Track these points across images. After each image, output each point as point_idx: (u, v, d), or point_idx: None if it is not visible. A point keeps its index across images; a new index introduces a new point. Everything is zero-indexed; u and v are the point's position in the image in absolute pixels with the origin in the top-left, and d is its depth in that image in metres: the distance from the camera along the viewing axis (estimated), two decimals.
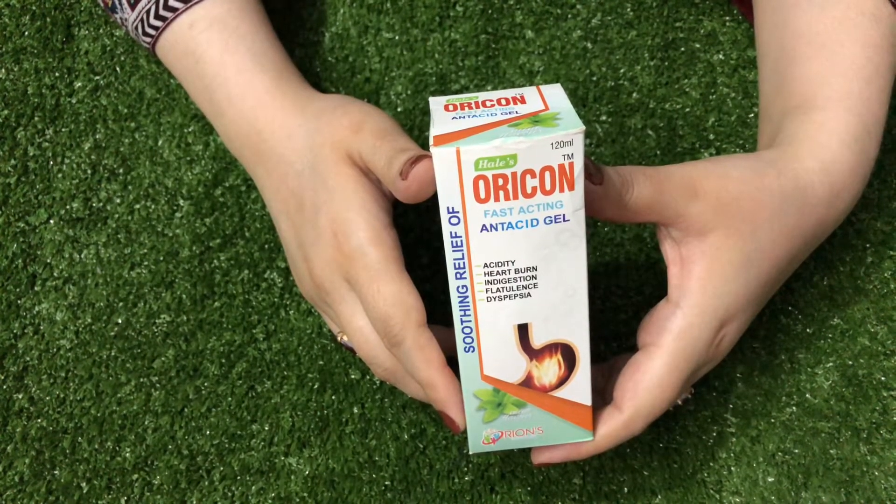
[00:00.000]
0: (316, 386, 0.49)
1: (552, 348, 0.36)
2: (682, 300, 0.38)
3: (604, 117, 0.52)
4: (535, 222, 0.34)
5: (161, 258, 0.50)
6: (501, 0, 0.53)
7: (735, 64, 0.52)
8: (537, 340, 0.36)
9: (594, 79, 0.52)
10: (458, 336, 0.36)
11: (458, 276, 0.35)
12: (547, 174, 0.33)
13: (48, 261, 0.50)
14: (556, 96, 0.35)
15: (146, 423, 0.49)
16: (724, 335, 0.39)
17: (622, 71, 0.52)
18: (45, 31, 0.53)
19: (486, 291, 0.35)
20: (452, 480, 0.48)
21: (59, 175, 0.51)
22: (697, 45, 0.53)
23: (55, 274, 0.50)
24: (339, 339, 0.44)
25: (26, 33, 0.53)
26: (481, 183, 0.33)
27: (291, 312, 0.50)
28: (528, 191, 0.33)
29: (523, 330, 0.36)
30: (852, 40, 0.41)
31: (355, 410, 0.49)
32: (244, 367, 0.49)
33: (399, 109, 0.52)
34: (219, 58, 0.44)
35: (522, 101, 0.35)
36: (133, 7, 0.45)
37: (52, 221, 0.51)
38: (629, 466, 0.48)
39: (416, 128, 0.52)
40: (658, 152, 0.51)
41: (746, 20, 0.53)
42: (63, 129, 0.52)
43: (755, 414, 0.48)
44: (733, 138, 0.52)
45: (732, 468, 0.47)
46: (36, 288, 0.50)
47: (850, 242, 0.50)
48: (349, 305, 0.40)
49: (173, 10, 0.44)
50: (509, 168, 0.33)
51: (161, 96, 0.52)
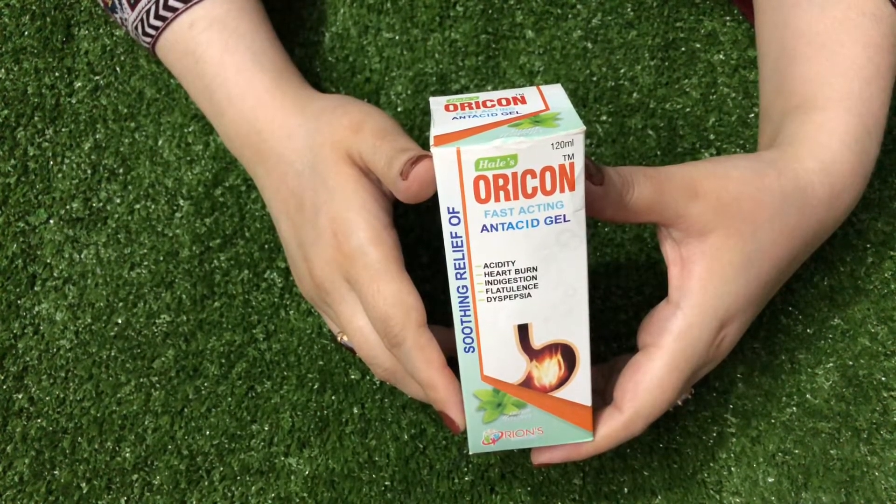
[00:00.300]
0: (316, 386, 0.49)
1: (552, 349, 0.36)
2: (683, 301, 0.38)
3: (604, 117, 0.52)
4: (535, 222, 0.34)
5: (161, 258, 0.50)
6: (501, 0, 0.53)
7: (735, 64, 0.52)
8: (537, 341, 0.36)
9: (594, 79, 0.52)
10: (458, 336, 0.36)
11: (459, 276, 0.35)
12: (547, 174, 0.33)
13: (48, 261, 0.50)
14: (556, 96, 0.35)
15: (146, 423, 0.49)
16: (725, 336, 0.39)
17: (622, 71, 0.52)
18: (45, 31, 0.53)
19: (487, 292, 0.35)
20: (452, 480, 0.47)
21: (59, 175, 0.51)
22: (698, 45, 0.53)
23: (55, 274, 0.50)
24: (339, 339, 0.44)
25: (26, 33, 0.53)
26: (482, 183, 0.33)
27: (291, 312, 0.50)
28: (529, 191, 0.33)
29: (523, 330, 0.36)
30: (853, 40, 0.41)
31: (355, 410, 0.49)
32: (244, 367, 0.49)
33: (399, 109, 0.52)
34: (219, 58, 0.44)
35: (523, 101, 0.35)
36: (133, 7, 0.45)
37: (52, 221, 0.51)
38: (629, 467, 0.48)
39: (417, 128, 0.52)
40: (658, 152, 0.51)
41: (747, 20, 0.53)
42: (63, 129, 0.52)
43: (755, 414, 0.48)
44: (734, 138, 0.52)
45: (733, 468, 0.47)
46: (36, 288, 0.50)
47: (850, 243, 0.50)
48: (349, 305, 0.40)
49: (173, 10, 0.44)
50: (510, 168, 0.33)
51: (161, 96, 0.52)
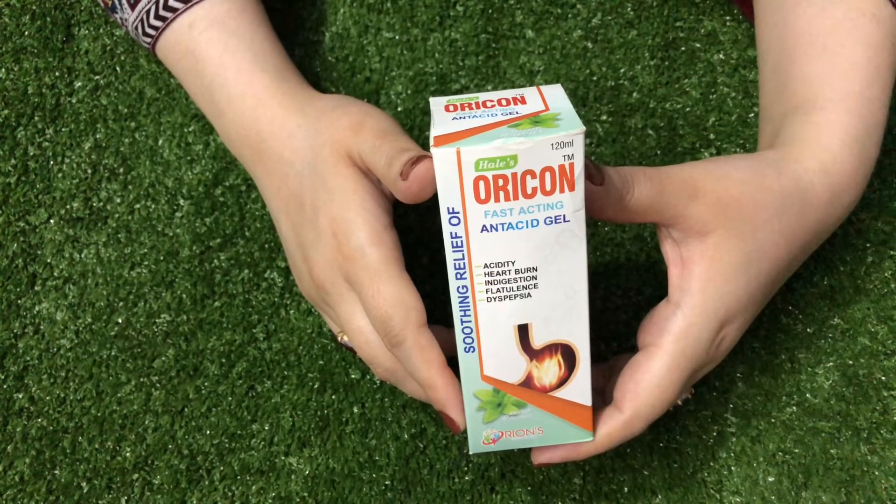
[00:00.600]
0: (316, 386, 0.49)
1: (552, 349, 0.36)
2: (683, 301, 0.38)
3: (604, 117, 0.52)
4: (535, 223, 0.34)
5: (161, 258, 0.50)
6: (501, 0, 0.53)
7: (735, 63, 0.52)
8: (537, 341, 0.36)
9: (594, 78, 0.52)
10: (459, 336, 0.36)
11: (459, 276, 0.35)
12: (547, 175, 0.33)
13: (48, 260, 0.50)
14: (556, 97, 0.35)
15: (146, 422, 0.49)
16: (725, 336, 0.39)
17: (622, 70, 0.52)
18: (45, 31, 0.53)
19: (487, 292, 0.35)
20: (453, 480, 0.48)
21: (60, 175, 0.51)
22: (698, 45, 0.53)
23: (55, 274, 0.50)
24: (340, 339, 0.44)
25: (26, 33, 0.53)
26: (481, 183, 0.33)
27: (291, 312, 0.50)
28: (529, 191, 0.33)
29: (523, 330, 0.36)
30: (853, 41, 0.41)
31: (355, 410, 0.49)
32: (244, 367, 0.49)
33: (399, 109, 0.52)
34: (218, 58, 0.44)
35: (523, 101, 0.35)
36: (133, 7, 0.45)
37: (52, 221, 0.51)
38: (629, 466, 0.48)
39: (417, 128, 0.52)
40: (658, 152, 0.51)
41: (747, 20, 0.53)
42: (63, 129, 0.52)
43: (755, 414, 0.48)
44: (734, 138, 0.51)
45: (733, 468, 0.47)
46: (36, 288, 0.50)
47: (850, 242, 0.50)
48: (349, 305, 0.40)
49: (173, 10, 0.44)
50: (510, 168, 0.33)
51: (161, 96, 0.52)
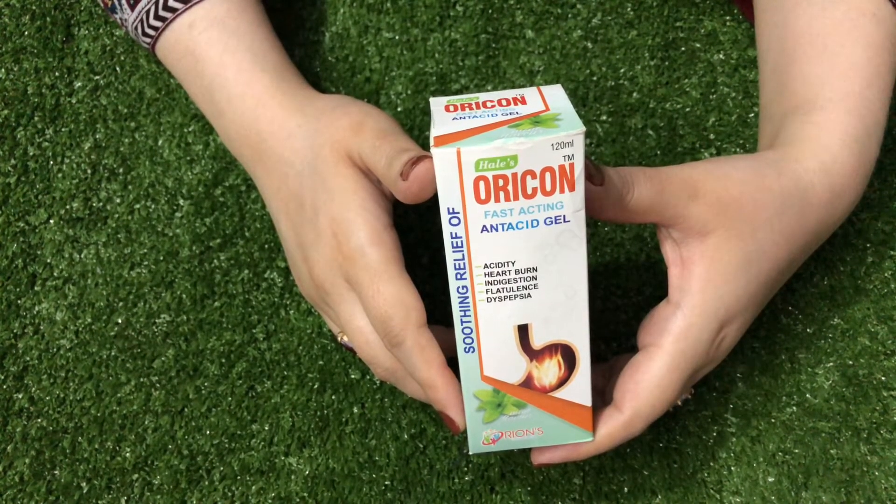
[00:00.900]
0: (316, 386, 0.49)
1: (552, 349, 0.36)
2: (683, 301, 0.38)
3: (604, 117, 0.52)
4: (535, 223, 0.34)
5: (161, 258, 0.50)
6: (501, 0, 0.53)
7: (735, 63, 0.52)
8: (537, 341, 0.36)
9: (594, 78, 0.52)
10: (459, 336, 0.36)
11: (459, 276, 0.35)
12: (547, 175, 0.33)
13: (48, 261, 0.50)
14: (556, 97, 0.35)
15: (146, 422, 0.49)
16: (725, 336, 0.39)
17: (622, 71, 0.52)
18: (45, 31, 0.53)
19: (487, 292, 0.35)
20: (452, 480, 0.48)
21: (59, 175, 0.51)
22: (698, 45, 0.53)
23: (55, 274, 0.50)
24: (340, 339, 0.44)
25: (26, 33, 0.53)
26: (482, 184, 0.33)
27: (291, 312, 0.50)
28: (529, 191, 0.33)
29: (523, 330, 0.36)
30: (853, 41, 0.41)
31: (355, 410, 0.49)
32: (244, 367, 0.49)
33: (399, 109, 0.52)
34: (218, 58, 0.44)
35: (523, 101, 0.35)
36: (133, 7, 0.45)
37: (52, 221, 0.51)
38: (629, 466, 0.48)
39: (417, 128, 0.52)
40: (658, 152, 0.51)
41: (747, 20, 0.53)
42: (63, 129, 0.52)
43: (755, 414, 0.48)
44: (734, 138, 0.51)
45: (733, 468, 0.47)
46: (36, 288, 0.50)
47: (850, 242, 0.50)
48: (349, 305, 0.40)
49: (173, 10, 0.44)
50: (510, 169, 0.33)
51: (161, 96, 0.52)
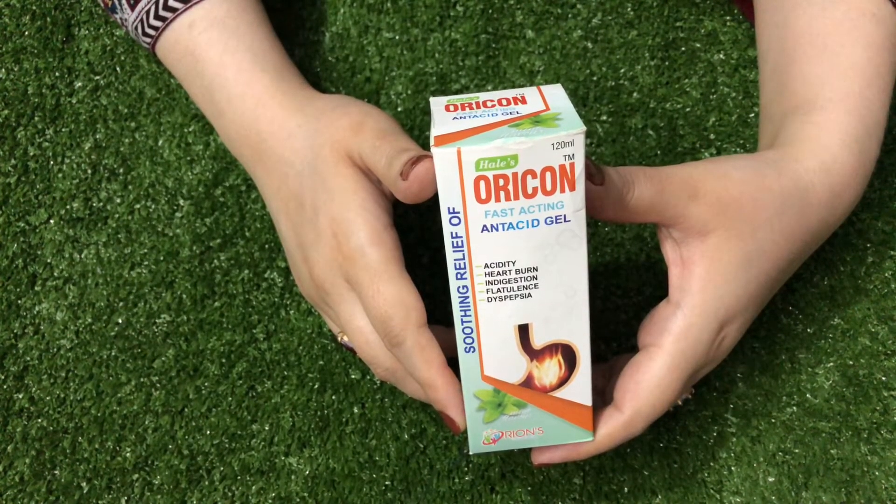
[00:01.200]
0: (316, 386, 0.49)
1: (552, 349, 0.36)
2: (683, 301, 0.38)
3: (604, 117, 0.52)
4: (535, 223, 0.34)
5: (161, 258, 0.50)
6: (501, 0, 0.53)
7: (736, 63, 0.52)
8: (538, 341, 0.36)
9: (594, 78, 0.52)
10: (459, 336, 0.36)
11: (459, 276, 0.35)
12: (548, 174, 0.33)
13: (48, 261, 0.50)
14: (556, 96, 0.35)
15: (146, 422, 0.49)
16: (725, 336, 0.39)
17: (622, 71, 0.52)
18: (45, 31, 0.53)
19: (487, 292, 0.35)
20: (453, 480, 0.47)
21: (60, 175, 0.51)
22: (698, 45, 0.53)
23: (55, 274, 0.50)
24: (340, 339, 0.44)
25: (26, 33, 0.53)
26: (482, 183, 0.33)
27: (291, 312, 0.50)
28: (529, 191, 0.33)
29: (524, 330, 0.36)
30: (853, 41, 0.41)
31: (355, 410, 0.49)
32: (244, 367, 0.49)
33: (399, 109, 0.52)
34: (218, 58, 0.44)
35: (523, 101, 0.35)
36: (133, 7, 0.45)
37: (52, 221, 0.51)
38: (629, 466, 0.48)
39: (417, 128, 0.52)
40: (658, 152, 0.51)
41: (747, 20, 0.53)
42: (63, 129, 0.52)
43: (756, 414, 0.48)
44: (734, 138, 0.51)
45: (733, 468, 0.47)
46: (36, 288, 0.50)
47: (850, 242, 0.50)
48: (349, 305, 0.40)
49: (173, 10, 0.44)
50: (510, 168, 0.33)
51: (161, 96, 0.52)
